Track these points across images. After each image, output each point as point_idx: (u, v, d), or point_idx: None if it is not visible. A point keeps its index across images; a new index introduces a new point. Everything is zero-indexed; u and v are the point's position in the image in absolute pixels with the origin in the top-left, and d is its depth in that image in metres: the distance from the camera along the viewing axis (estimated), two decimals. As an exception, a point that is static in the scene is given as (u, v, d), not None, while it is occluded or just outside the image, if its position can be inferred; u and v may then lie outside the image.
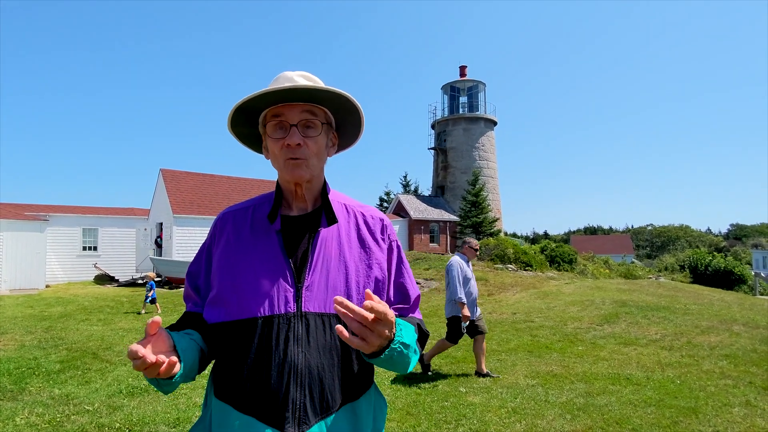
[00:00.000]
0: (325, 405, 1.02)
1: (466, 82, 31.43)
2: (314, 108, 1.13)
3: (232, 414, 1.02)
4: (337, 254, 1.12)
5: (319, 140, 1.13)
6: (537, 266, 17.01)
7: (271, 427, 0.99)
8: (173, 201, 18.78)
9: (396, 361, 0.96)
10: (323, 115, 1.15)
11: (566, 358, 6.13)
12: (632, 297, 11.04)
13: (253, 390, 1.01)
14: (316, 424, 1.01)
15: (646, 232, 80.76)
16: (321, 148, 1.15)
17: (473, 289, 5.38)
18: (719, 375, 5.28)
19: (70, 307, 10.87)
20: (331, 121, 1.19)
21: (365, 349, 0.89)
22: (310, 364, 1.02)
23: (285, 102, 1.11)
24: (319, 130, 1.13)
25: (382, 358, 0.92)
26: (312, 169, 1.13)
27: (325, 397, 1.02)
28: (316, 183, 1.18)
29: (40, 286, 15.25)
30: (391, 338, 0.91)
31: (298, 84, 1.07)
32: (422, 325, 1.19)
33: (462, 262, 5.36)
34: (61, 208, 20.10)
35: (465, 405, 4.32)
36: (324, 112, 1.16)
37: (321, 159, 1.16)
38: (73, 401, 4.36)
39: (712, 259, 22.32)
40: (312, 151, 1.11)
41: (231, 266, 1.11)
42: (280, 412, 0.99)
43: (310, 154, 1.11)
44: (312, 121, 1.12)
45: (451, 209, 29.18)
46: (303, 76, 1.14)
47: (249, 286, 1.07)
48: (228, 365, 1.06)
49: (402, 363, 0.99)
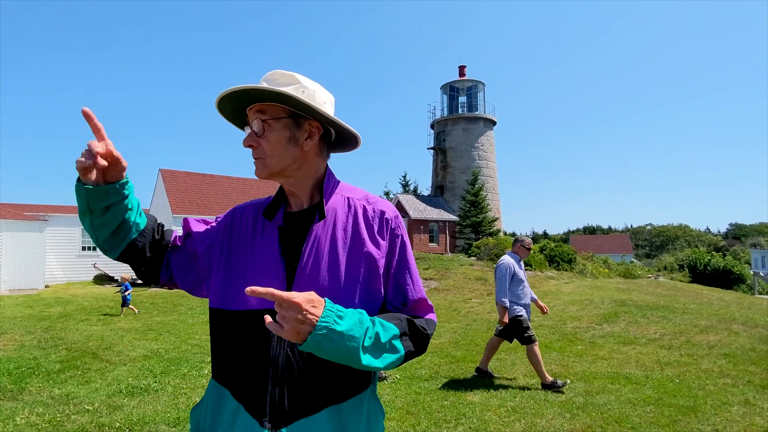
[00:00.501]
0: (306, 405, 1.02)
1: (466, 82, 31.42)
2: (266, 106, 1.12)
3: (227, 396, 1.07)
4: (328, 250, 1.10)
5: (272, 137, 1.11)
6: (536, 266, 17.00)
7: (253, 418, 1.02)
8: (172, 201, 18.79)
9: (327, 350, 0.90)
10: (278, 110, 1.12)
11: (565, 357, 6.14)
12: (631, 296, 11.04)
13: (240, 380, 1.06)
14: (295, 422, 1.00)
15: (645, 231, 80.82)
16: (276, 144, 1.11)
17: (526, 290, 5.04)
18: (718, 374, 5.30)
19: (69, 307, 10.87)
20: (294, 113, 1.13)
21: (282, 335, 0.89)
22: (291, 362, 1.02)
23: (249, 104, 1.14)
24: (272, 128, 1.11)
25: (309, 343, 0.88)
26: (269, 167, 1.12)
27: (306, 397, 1.02)
28: (304, 178, 1.16)
29: (40, 286, 15.24)
30: (312, 324, 0.88)
31: (235, 88, 1.07)
32: (424, 326, 1.10)
33: (513, 261, 5.03)
34: (60, 208, 20.08)
35: (464, 404, 4.33)
36: (281, 108, 1.12)
37: (282, 155, 1.11)
38: (73, 401, 4.36)
39: (711, 258, 22.36)
40: (266, 149, 1.11)
41: (233, 256, 1.16)
42: (260, 406, 1.02)
43: (264, 153, 1.12)
44: (262, 120, 1.12)
45: (451, 209, 29.18)
46: (267, 77, 1.13)
47: (243, 279, 1.10)
48: (222, 351, 1.12)
49: (337, 352, 0.91)
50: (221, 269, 1.16)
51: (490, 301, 11.29)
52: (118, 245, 1.14)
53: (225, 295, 1.12)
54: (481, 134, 30.47)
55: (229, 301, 1.10)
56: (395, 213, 1.19)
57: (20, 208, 17.77)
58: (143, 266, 1.20)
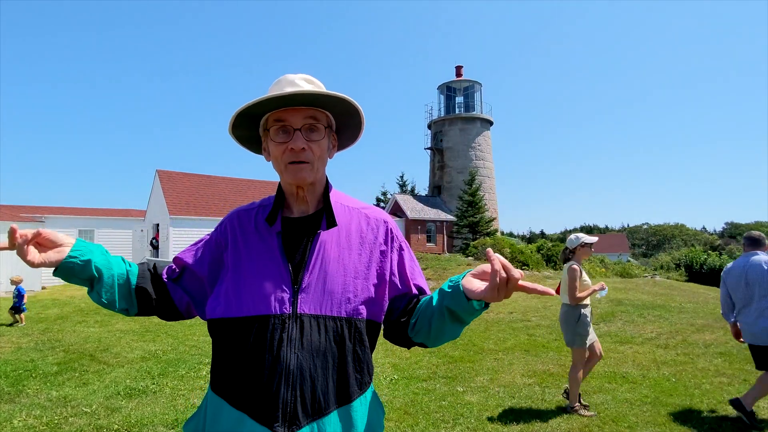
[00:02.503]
0: (317, 407, 1.02)
1: (462, 82, 31.46)
2: (317, 112, 1.14)
3: (225, 408, 1.05)
4: (336, 256, 1.12)
5: (322, 144, 1.15)
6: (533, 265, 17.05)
7: (261, 425, 1.00)
8: (170, 202, 18.74)
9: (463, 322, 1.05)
10: (325, 119, 1.17)
11: (563, 357, 6.17)
12: (628, 295, 11.09)
13: (246, 387, 1.03)
14: (307, 425, 1.00)
15: (642, 230, 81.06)
16: (324, 151, 1.16)
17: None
18: (714, 373, 5.33)
19: (66, 309, 10.84)
20: (332, 124, 1.21)
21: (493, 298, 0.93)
22: (302, 366, 1.02)
23: (288, 106, 1.12)
24: (322, 134, 1.15)
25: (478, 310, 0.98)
26: (315, 172, 1.14)
27: (317, 399, 1.02)
28: (319, 185, 1.20)
29: (37, 288, 15.19)
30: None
31: (302, 89, 1.08)
32: None
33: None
34: (56, 209, 20.04)
35: (462, 404, 4.34)
36: (326, 115, 1.17)
37: (324, 162, 1.18)
38: (70, 403, 4.36)
39: (707, 257, 22.42)
40: (316, 154, 1.13)
41: (235, 265, 1.14)
42: (271, 412, 1.00)
43: (313, 158, 1.13)
44: (315, 126, 1.13)
45: (448, 209, 29.21)
46: (305, 79, 1.15)
47: (247, 286, 1.09)
48: (224, 361, 1.09)
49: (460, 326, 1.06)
50: (225, 279, 1.15)
51: (488, 301, 11.30)
52: (129, 297, 1.17)
53: (230, 303, 1.10)
54: (478, 134, 30.52)
55: (236, 309, 1.08)
56: (392, 220, 1.26)
57: (17, 210, 17.70)
58: (159, 306, 1.21)
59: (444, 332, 1.07)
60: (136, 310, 1.19)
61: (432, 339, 1.11)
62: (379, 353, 6.24)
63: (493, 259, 0.91)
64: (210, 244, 1.23)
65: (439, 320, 1.05)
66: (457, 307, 1.00)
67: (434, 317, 1.07)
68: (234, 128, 1.20)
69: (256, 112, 1.15)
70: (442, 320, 1.05)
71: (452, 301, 1.01)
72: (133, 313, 1.19)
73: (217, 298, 1.13)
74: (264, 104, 1.11)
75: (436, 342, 1.12)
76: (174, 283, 1.23)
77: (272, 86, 1.16)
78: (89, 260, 1.08)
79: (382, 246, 1.18)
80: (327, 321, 1.07)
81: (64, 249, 1.06)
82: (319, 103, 1.13)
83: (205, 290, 1.21)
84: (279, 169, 1.16)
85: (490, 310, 10.02)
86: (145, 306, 1.19)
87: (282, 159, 1.13)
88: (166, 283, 1.22)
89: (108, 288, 1.11)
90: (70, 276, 1.08)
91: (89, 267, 1.08)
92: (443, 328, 1.06)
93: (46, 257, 1.04)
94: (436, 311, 1.06)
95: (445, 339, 1.10)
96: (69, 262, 1.06)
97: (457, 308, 1.00)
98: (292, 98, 1.09)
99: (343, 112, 1.19)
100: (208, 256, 1.21)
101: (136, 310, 1.19)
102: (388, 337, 1.23)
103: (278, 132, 1.13)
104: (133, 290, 1.16)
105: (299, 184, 1.14)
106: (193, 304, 1.23)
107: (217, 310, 1.12)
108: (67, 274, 1.07)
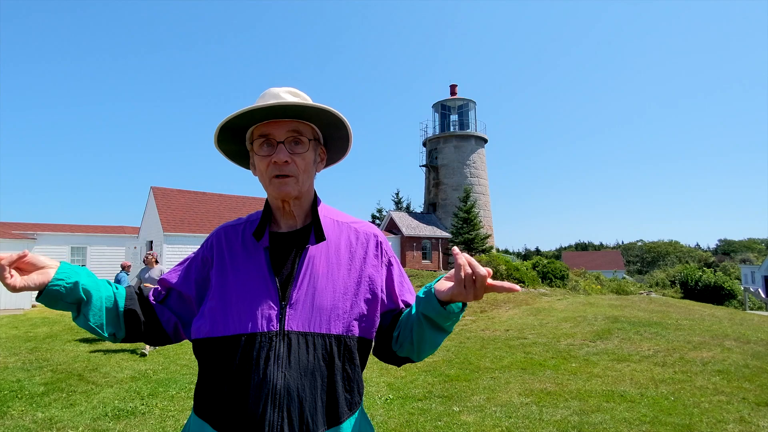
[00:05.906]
0: (305, 429, 0.98)
1: (457, 101, 31.83)
2: (301, 124, 1.13)
3: (207, 431, 1.01)
4: (325, 272, 1.09)
5: (306, 156, 1.13)
6: (529, 282, 17.02)
7: None
8: (164, 219, 18.63)
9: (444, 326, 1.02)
10: (310, 131, 1.15)
11: (560, 375, 6.09)
12: (624, 313, 11.04)
13: (231, 409, 1.00)
14: None
15: (637, 247, 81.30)
16: (309, 164, 1.14)
17: None
18: (713, 391, 5.27)
19: (56, 328, 10.65)
20: (318, 136, 1.19)
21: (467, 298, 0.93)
22: (289, 386, 0.99)
23: (271, 119, 1.10)
24: (307, 147, 1.13)
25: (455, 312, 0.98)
26: (300, 185, 1.12)
27: (305, 421, 0.98)
28: (306, 199, 1.18)
29: (26, 306, 14.94)
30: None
31: (284, 101, 1.07)
32: None
33: None
34: (49, 226, 19.86)
35: (458, 424, 4.26)
36: (311, 128, 1.16)
37: (309, 175, 1.15)
38: (56, 425, 4.24)
39: (702, 274, 22.51)
40: (300, 167, 1.11)
41: (221, 283, 1.11)
42: None
43: (298, 171, 1.11)
44: (299, 138, 1.12)
45: (443, 226, 29.24)
46: (290, 92, 1.14)
47: (233, 304, 1.06)
48: (209, 382, 1.05)
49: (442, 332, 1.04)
50: (210, 297, 1.11)
51: (483, 318, 11.23)
52: (117, 321, 1.12)
53: (216, 321, 1.06)
54: (472, 152, 30.76)
55: (222, 327, 1.05)
56: (383, 234, 1.25)
57: (8, 227, 17.54)
58: (147, 330, 1.17)
59: (424, 341, 1.04)
60: (124, 334, 1.14)
61: (415, 351, 1.08)
62: (374, 372, 6.14)
63: (457, 255, 0.92)
64: (196, 262, 1.19)
65: (418, 329, 1.03)
66: (431, 311, 0.98)
67: (414, 327, 1.04)
68: (223, 143, 1.19)
69: (242, 125, 1.13)
70: (421, 328, 1.03)
71: (427, 306, 0.99)
72: (120, 338, 1.14)
73: (203, 316, 1.09)
74: (249, 117, 1.09)
75: (420, 354, 1.09)
76: (161, 304, 1.19)
77: (257, 100, 1.15)
78: (77, 282, 1.03)
79: (372, 260, 1.16)
80: (315, 338, 1.03)
81: (49, 271, 1.01)
82: (304, 116, 1.12)
83: (192, 310, 1.18)
84: (264, 182, 1.14)
85: (485, 328, 9.93)
86: (132, 330, 1.15)
87: (266, 172, 1.11)
88: (154, 306, 1.18)
89: (96, 311, 1.07)
90: (57, 300, 1.02)
91: (77, 289, 1.03)
92: (423, 337, 1.04)
93: (29, 280, 0.98)
94: (414, 320, 1.04)
95: (426, 349, 1.07)
96: (55, 284, 1.00)
97: (431, 313, 0.99)
98: (275, 111, 1.08)
99: (329, 124, 1.17)
100: (195, 275, 1.18)
101: (124, 335, 1.14)
102: (375, 354, 1.20)
103: (262, 145, 1.12)
104: (121, 313, 1.12)
105: (284, 198, 1.12)
106: (180, 324, 1.19)
107: (203, 329, 1.08)
108: (53, 298, 1.02)
